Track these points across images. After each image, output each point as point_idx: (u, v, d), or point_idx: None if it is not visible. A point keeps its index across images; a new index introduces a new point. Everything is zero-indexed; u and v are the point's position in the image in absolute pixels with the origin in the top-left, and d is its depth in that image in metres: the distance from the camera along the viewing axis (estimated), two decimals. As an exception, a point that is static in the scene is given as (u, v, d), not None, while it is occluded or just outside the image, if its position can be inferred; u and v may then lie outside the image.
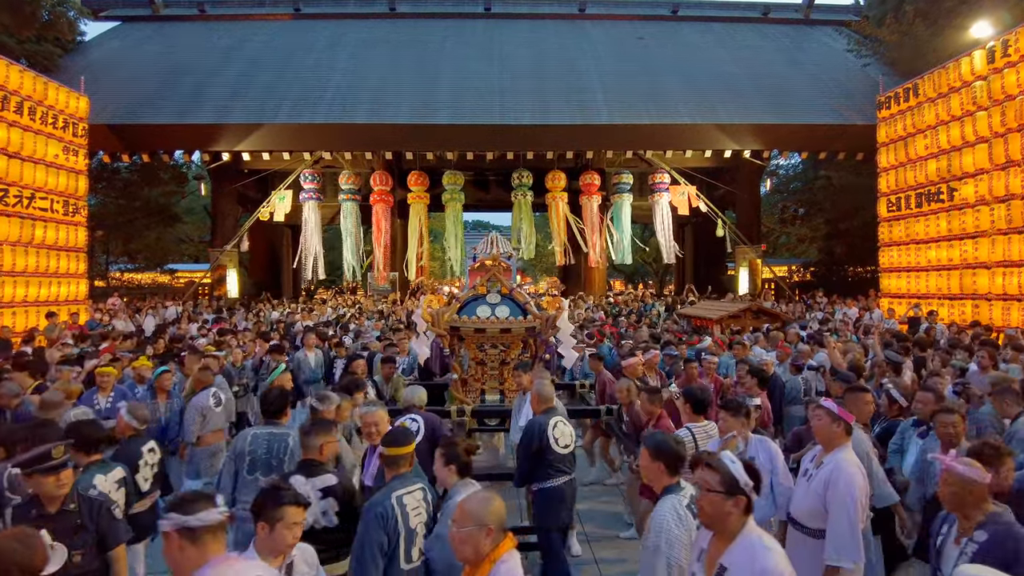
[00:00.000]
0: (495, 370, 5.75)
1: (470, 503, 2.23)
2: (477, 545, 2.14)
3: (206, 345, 7.92)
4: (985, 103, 10.92)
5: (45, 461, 2.77)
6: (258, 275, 22.71)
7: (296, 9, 21.77)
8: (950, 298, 11.83)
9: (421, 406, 4.37)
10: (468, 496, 2.33)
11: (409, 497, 2.80)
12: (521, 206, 18.99)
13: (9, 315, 10.99)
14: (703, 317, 11.68)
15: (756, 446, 3.54)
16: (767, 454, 3.47)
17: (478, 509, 2.18)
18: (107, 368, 5.60)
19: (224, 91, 16.68)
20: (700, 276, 23.21)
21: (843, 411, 3.16)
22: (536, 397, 4.26)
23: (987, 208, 10.86)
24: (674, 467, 2.65)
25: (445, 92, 16.88)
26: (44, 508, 2.79)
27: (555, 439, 4.04)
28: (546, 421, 4.09)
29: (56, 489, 2.78)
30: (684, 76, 17.89)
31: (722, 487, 2.10)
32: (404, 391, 4.46)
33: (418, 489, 2.89)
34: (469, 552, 2.16)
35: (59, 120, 12.48)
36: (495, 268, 5.87)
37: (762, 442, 3.55)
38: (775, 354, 7.36)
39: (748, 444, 3.54)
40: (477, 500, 2.26)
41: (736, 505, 2.10)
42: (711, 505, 2.13)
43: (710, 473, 2.14)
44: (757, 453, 3.46)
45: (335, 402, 4.10)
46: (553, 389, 4.39)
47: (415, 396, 4.41)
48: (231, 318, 13.87)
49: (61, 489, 2.80)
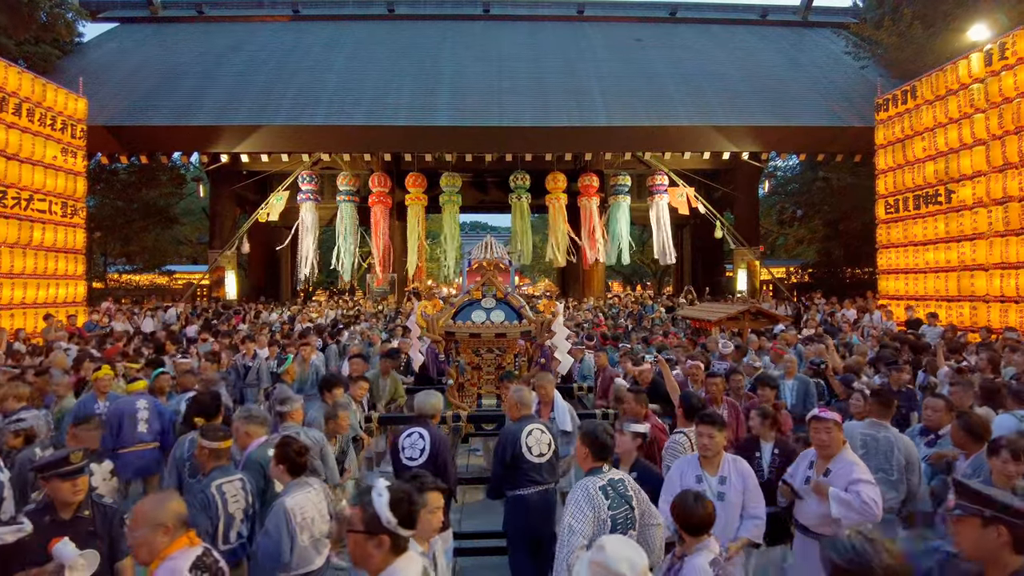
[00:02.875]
0: (491, 375, 5.75)
1: (144, 506, 2.30)
2: (152, 545, 2.21)
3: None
4: (983, 105, 10.93)
5: (63, 465, 2.78)
6: (256, 277, 22.70)
7: (294, 11, 21.78)
8: (948, 300, 11.84)
9: (434, 415, 4.08)
10: (144, 499, 2.40)
11: (228, 486, 3.20)
12: (519, 208, 18.99)
13: (7, 317, 10.98)
14: (702, 319, 11.68)
15: (729, 466, 3.39)
16: (739, 475, 3.34)
17: (152, 510, 2.25)
18: (104, 372, 5.60)
19: (222, 92, 16.68)
20: (698, 277, 23.24)
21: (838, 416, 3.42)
22: (514, 403, 4.10)
23: (985, 210, 10.87)
24: (599, 453, 2.95)
25: (444, 94, 16.88)
26: (58, 514, 2.79)
27: (528, 447, 3.89)
28: (520, 429, 3.94)
29: (72, 495, 2.79)
30: (682, 78, 17.91)
31: (362, 526, 1.99)
32: (417, 397, 4.14)
33: (237, 479, 3.26)
34: (145, 554, 2.23)
35: (57, 121, 12.47)
36: (491, 272, 5.87)
37: (735, 462, 3.41)
38: (768, 358, 7.36)
39: (723, 461, 3.40)
40: (152, 502, 2.33)
41: (379, 546, 1.98)
42: (353, 544, 2.03)
43: (356, 511, 2.04)
44: (729, 473, 3.35)
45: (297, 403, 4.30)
46: (531, 396, 4.23)
47: (427, 404, 4.05)
48: (230, 320, 13.86)
49: (77, 495, 2.81)
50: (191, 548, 2.27)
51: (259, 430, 3.73)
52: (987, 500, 1.96)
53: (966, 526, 2.00)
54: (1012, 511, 1.93)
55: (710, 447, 3.37)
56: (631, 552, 1.98)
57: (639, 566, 1.96)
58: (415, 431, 3.97)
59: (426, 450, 3.88)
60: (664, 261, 19.91)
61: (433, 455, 3.87)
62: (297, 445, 3.19)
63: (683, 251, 23.65)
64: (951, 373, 5.77)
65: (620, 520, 2.82)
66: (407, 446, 3.92)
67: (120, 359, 7.03)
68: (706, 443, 3.38)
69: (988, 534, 1.94)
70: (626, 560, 1.94)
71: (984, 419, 3.74)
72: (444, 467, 3.90)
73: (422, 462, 3.85)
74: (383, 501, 1.99)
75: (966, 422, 3.62)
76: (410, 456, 3.88)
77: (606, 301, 18.55)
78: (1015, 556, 1.92)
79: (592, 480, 2.86)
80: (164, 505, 2.28)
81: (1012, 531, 1.91)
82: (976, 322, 10.87)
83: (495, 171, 20.25)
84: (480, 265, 6.42)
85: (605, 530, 2.75)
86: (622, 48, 19.92)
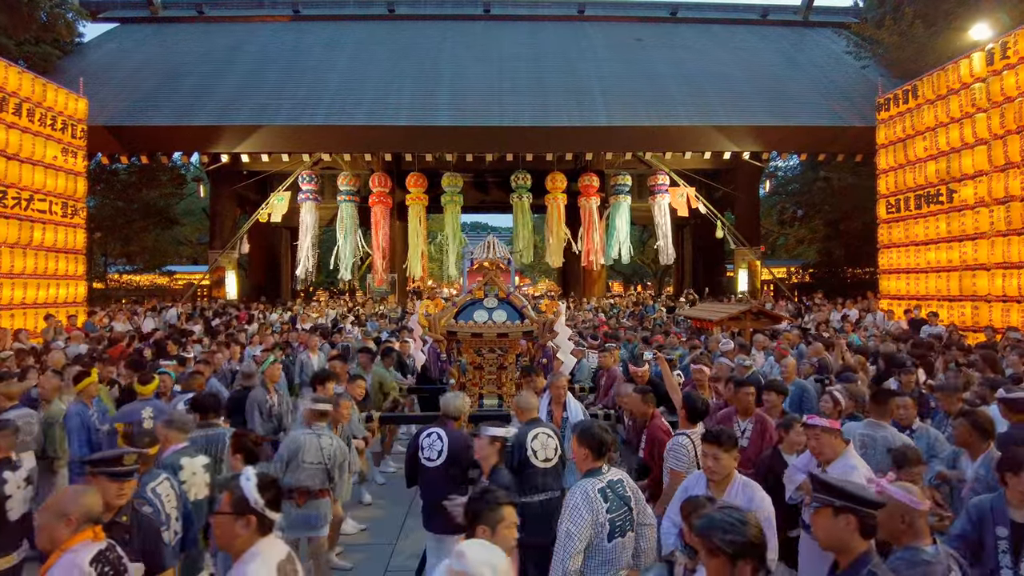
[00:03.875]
0: (493, 374, 5.73)
1: (60, 495, 2.37)
2: (53, 534, 2.24)
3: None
4: (984, 105, 10.91)
5: (115, 465, 2.73)
6: (257, 277, 22.69)
7: (295, 11, 21.77)
8: (949, 300, 11.82)
9: (457, 418, 4.03)
10: (64, 489, 2.53)
11: (160, 487, 3.25)
12: (520, 208, 18.98)
13: (8, 317, 10.97)
14: (703, 319, 11.66)
15: (738, 490, 2.98)
16: (748, 502, 2.89)
17: (62, 501, 2.30)
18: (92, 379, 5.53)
19: (223, 93, 16.67)
20: (699, 277, 23.23)
21: (831, 422, 3.37)
22: (517, 408, 4.08)
23: (986, 210, 10.86)
24: (598, 452, 2.90)
25: (444, 94, 16.87)
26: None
27: (534, 451, 3.75)
28: (525, 433, 3.84)
29: (117, 497, 2.73)
30: (683, 78, 17.90)
31: (230, 508, 2.11)
32: (443, 398, 4.10)
33: (164, 480, 3.31)
34: (45, 542, 2.27)
35: (58, 121, 12.46)
36: (492, 272, 5.86)
37: (745, 488, 2.99)
38: (771, 358, 7.33)
39: (732, 485, 3.00)
40: (67, 493, 2.38)
41: (246, 525, 2.10)
42: (219, 527, 2.15)
43: (224, 496, 2.17)
44: (737, 498, 2.92)
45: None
46: (535, 400, 4.17)
47: (452, 405, 4.01)
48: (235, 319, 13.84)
49: (121, 498, 2.75)
50: (94, 543, 2.27)
51: (178, 436, 3.75)
52: (837, 492, 2.10)
53: (820, 516, 2.13)
54: (858, 500, 2.08)
55: (716, 470, 2.98)
56: (490, 556, 1.97)
57: (499, 567, 1.96)
58: (433, 431, 3.96)
59: (444, 451, 3.87)
60: (664, 260, 19.91)
61: (451, 456, 3.85)
62: (254, 436, 3.37)
63: (684, 251, 23.65)
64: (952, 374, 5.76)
65: (619, 523, 2.79)
66: (426, 446, 3.92)
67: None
68: (711, 465, 3.00)
69: (838, 523, 2.08)
70: (487, 564, 1.93)
71: (990, 416, 3.73)
72: (464, 468, 3.88)
73: (440, 463, 3.85)
74: (251, 484, 2.11)
75: (974, 420, 3.57)
76: (428, 456, 3.89)
77: (607, 301, 18.53)
78: (862, 541, 2.08)
79: (591, 482, 2.83)
80: (76, 498, 2.30)
81: (859, 519, 2.06)
82: (978, 322, 10.85)
83: (496, 171, 20.24)
84: (481, 265, 6.41)
85: (603, 533, 2.73)
86: (623, 48, 19.91)
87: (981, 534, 2.80)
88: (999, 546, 2.73)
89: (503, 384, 5.77)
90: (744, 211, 20.91)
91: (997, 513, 2.78)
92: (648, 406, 4.41)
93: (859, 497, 2.08)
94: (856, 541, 2.06)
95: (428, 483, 3.93)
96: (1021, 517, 2.72)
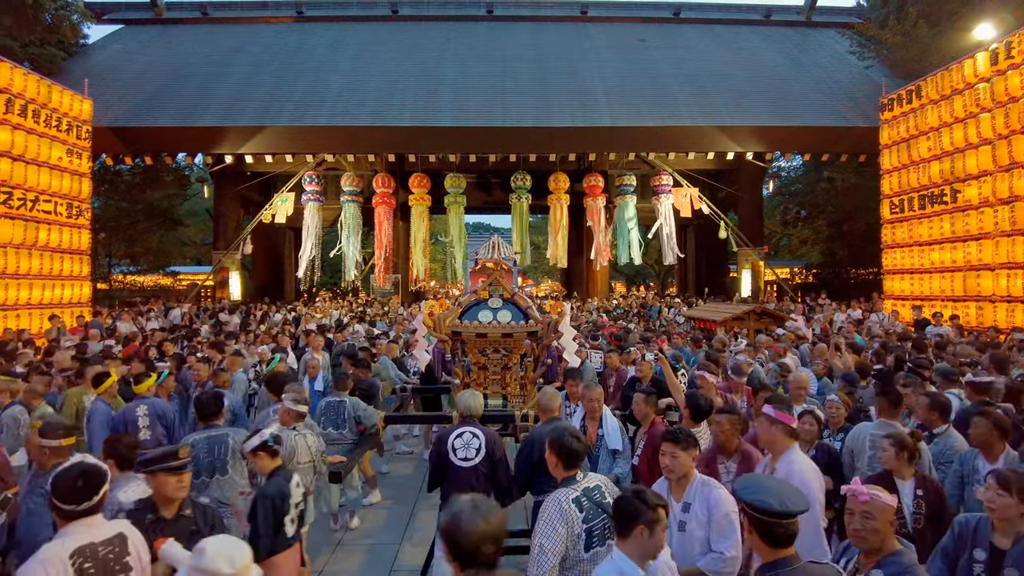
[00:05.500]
0: (497, 375, 5.73)
1: None
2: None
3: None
4: (988, 105, 10.89)
5: (171, 460, 2.79)
6: (260, 278, 22.74)
7: (298, 12, 21.83)
8: (954, 300, 11.79)
9: (478, 416, 4.09)
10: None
11: None
12: (518, 209, 18.98)
13: (13, 317, 11.01)
14: (707, 319, 11.66)
15: (696, 491, 2.90)
16: (704, 503, 2.84)
17: None
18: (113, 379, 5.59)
19: (227, 94, 16.72)
20: (702, 278, 23.21)
21: (780, 414, 3.21)
22: (538, 408, 4.09)
23: (991, 210, 10.83)
24: (569, 461, 2.77)
25: (447, 94, 16.90)
26: (160, 512, 2.80)
27: None
28: (546, 431, 3.71)
29: (177, 491, 2.81)
30: (686, 78, 17.89)
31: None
32: (460, 399, 4.14)
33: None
34: None
35: (63, 123, 12.50)
36: (497, 272, 5.86)
37: (704, 487, 2.91)
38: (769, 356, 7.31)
39: (691, 485, 2.93)
40: None
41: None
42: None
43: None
44: (694, 500, 2.86)
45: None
46: (559, 398, 4.16)
47: (475, 404, 4.07)
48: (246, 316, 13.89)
49: (181, 491, 2.83)
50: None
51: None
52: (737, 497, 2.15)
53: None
54: (752, 507, 2.09)
55: (672, 468, 2.92)
56: (231, 549, 1.97)
57: (239, 561, 1.95)
58: (466, 430, 3.96)
59: (482, 448, 3.88)
60: (668, 261, 19.90)
61: (489, 453, 3.89)
62: (128, 440, 3.36)
63: (687, 251, 23.62)
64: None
65: (597, 532, 2.68)
66: (459, 446, 3.90)
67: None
68: (667, 463, 2.94)
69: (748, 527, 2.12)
70: (225, 557, 1.93)
71: (1006, 417, 3.67)
72: (501, 464, 3.92)
73: (478, 461, 3.86)
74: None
75: (994, 419, 3.46)
76: (464, 456, 3.88)
77: (612, 302, 18.52)
78: (770, 549, 2.09)
79: (564, 492, 2.70)
80: None
81: (752, 524, 2.09)
82: (983, 322, 10.82)
83: (499, 172, 20.25)
84: (484, 265, 6.42)
85: (580, 544, 2.63)
86: (626, 48, 19.91)
87: (959, 553, 2.68)
88: (974, 569, 2.60)
89: (507, 384, 5.76)
90: (747, 211, 20.89)
91: (979, 535, 2.64)
92: (650, 409, 4.27)
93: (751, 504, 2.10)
94: (764, 550, 2.09)
95: (460, 483, 3.85)
96: (1002, 543, 2.58)
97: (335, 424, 5.44)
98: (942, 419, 3.99)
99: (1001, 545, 2.57)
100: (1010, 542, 2.55)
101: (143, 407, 5.10)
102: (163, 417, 5.19)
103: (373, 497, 6.21)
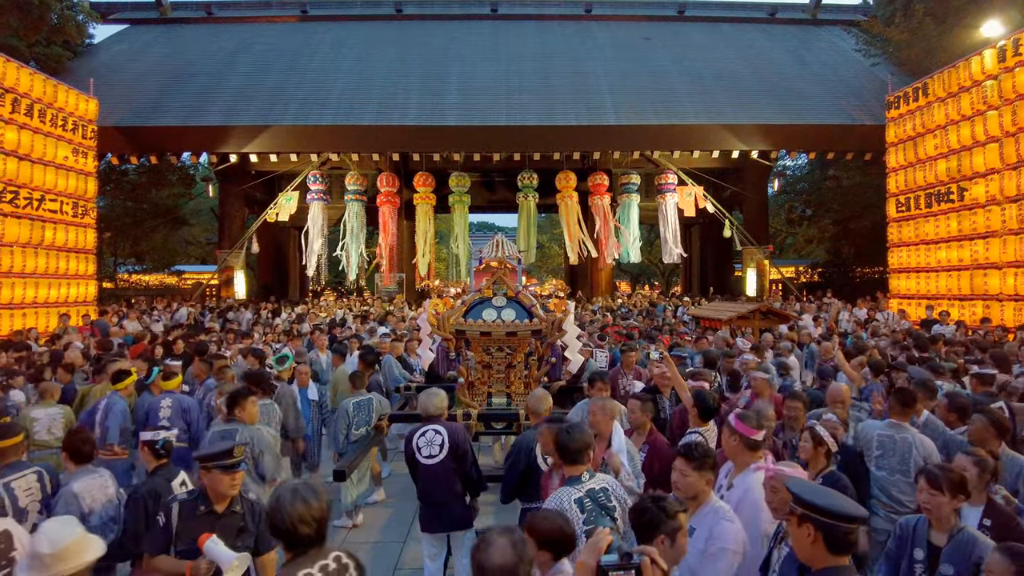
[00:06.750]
0: (501, 373, 5.73)
1: None
2: None
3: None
4: (996, 102, 10.82)
5: (226, 458, 2.83)
6: (265, 277, 22.79)
7: (303, 11, 21.85)
8: (960, 299, 11.73)
9: (440, 414, 4.00)
10: None
11: (19, 481, 3.23)
12: (525, 208, 18.96)
13: (20, 316, 11.07)
14: (712, 318, 11.60)
15: (706, 518, 2.56)
16: (707, 531, 2.49)
17: None
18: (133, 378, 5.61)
19: (231, 93, 16.75)
20: (707, 277, 23.14)
21: (741, 425, 2.93)
22: (528, 409, 4.00)
23: (998, 208, 10.76)
24: (571, 459, 2.73)
25: (452, 93, 16.89)
26: (212, 506, 2.84)
27: (544, 458, 3.60)
28: (533, 436, 3.67)
29: (230, 488, 2.86)
30: (691, 76, 17.84)
31: None
32: (420, 399, 4.04)
33: (31, 472, 3.28)
34: None
35: (68, 122, 12.56)
36: (501, 270, 5.85)
37: (715, 515, 2.55)
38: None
39: (701, 509, 2.61)
40: None
41: None
42: None
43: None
44: (700, 526, 2.52)
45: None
46: (549, 400, 4.02)
47: (431, 405, 3.95)
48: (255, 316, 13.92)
49: (234, 488, 2.88)
50: None
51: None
52: (796, 498, 1.91)
53: (791, 525, 1.97)
54: (815, 509, 1.86)
55: (680, 486, 2.62)
56: (55, 532, 1.96)
57: (59, 544, 1.92)
58: (428, 428, 3.92)
59: (445, 444, 3.84)
60: (672, 260, 19.84)
61: (453, 447, 3.84)
62: (84, 434, 3.41)
63: (692, 250, 23.56)
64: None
65: None
66: (422, 445, 3.87)
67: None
68: (676, 480, 2.66)
69: (801, 533, 1.90)
70: (48, 539, 1.92)
71: (1003, 414, 3.68)
72: (465, 457, 3.87)
73: (442, 457, 3.82)
74: None
75: (991, 417, 3.49)
76: (428, 455, 3.84)
77: (617, 301, 18.47)
78: (831, 556, 1.86)
79: (567, 492, 2.64)
80: None
81: (818, 529, 1.86)
82: (989, 319, 10.75)
83: (503, 171, 20.22)
84: (488, 265, 6.41)
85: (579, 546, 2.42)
86: (630, 47, 19.86)
87: (900, 554, 2.71)
88: (915, 569, 2.63)
89: (511, 383, 5.76)
90: (752, 210, 20.79)
91: (918, 535, 2.67)
92: (646, 416, 3.94)
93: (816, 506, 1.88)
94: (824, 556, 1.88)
95: (427, 481, 3.87)
96: (939, 540, 2.62)
97: (367, 423, 5.58)
98: (961, 420, 3.97)
99: (938, 543, 2.62)
100: (945, 539, 2.60)
101: (168, 400, 5.27)
102: (187, 412, 5.31)
103: (376, 495, 6.21)
